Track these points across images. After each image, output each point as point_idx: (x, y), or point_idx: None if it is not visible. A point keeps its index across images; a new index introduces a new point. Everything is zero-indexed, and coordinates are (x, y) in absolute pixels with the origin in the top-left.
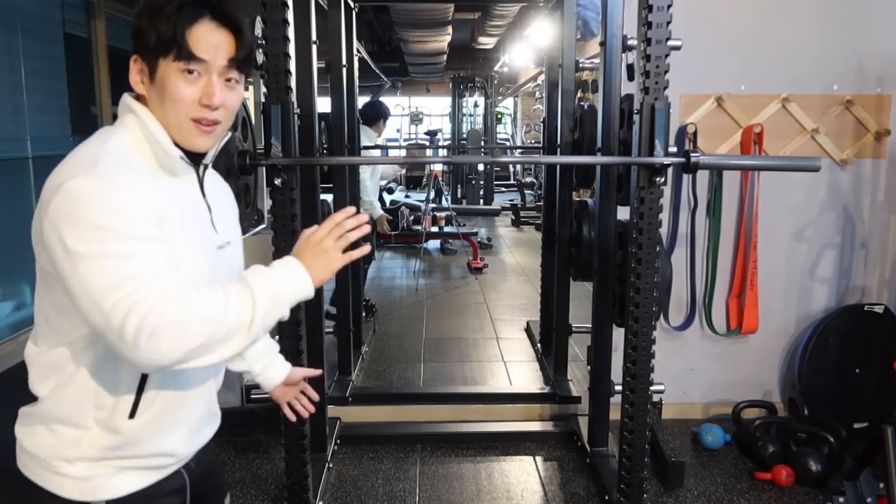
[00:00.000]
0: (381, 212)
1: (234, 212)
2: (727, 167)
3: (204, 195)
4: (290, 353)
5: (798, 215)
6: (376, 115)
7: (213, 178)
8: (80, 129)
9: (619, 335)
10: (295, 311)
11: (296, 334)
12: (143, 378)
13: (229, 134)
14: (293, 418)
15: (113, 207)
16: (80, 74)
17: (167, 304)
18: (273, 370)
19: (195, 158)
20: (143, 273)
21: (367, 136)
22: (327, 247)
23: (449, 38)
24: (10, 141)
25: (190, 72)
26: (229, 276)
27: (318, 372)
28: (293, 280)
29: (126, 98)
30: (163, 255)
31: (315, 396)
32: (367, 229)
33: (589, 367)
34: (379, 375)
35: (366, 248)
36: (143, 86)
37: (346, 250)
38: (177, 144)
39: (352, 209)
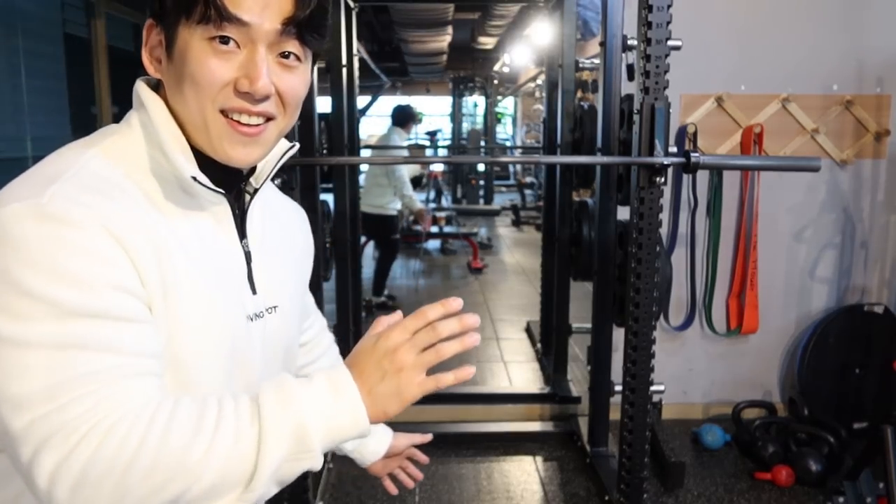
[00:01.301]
0: (421, 205)
1: (297, 259)
2: (727, 167)
3: (243, 236)
4: None
5: (798, 215)
6: (406, 117)
7: (270, 208)
8: (80, 129)
9: (619, 335)
10: None
11: None
12: None
13: (295, 145)
14: (395, 491)
15: (58, 262)
16: (80, 74)
17: (109, 439)
18: (371, 444)
19: (232, 179)
20: (85, 378)
21: (398, 137)
22: (405, 362)
23: (449, 38)
24: (10, 141)
25: (223, 40)
26: (266, 364)
27: (427, 437)
28: (338, 410)
29: (137, 85)
30: (132, 346)
31: (424, 460)
32: (476, 338)
33: (589, 367)
34: None
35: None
36: (159, 65)
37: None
38: (202, 157)
39: (458, 301)
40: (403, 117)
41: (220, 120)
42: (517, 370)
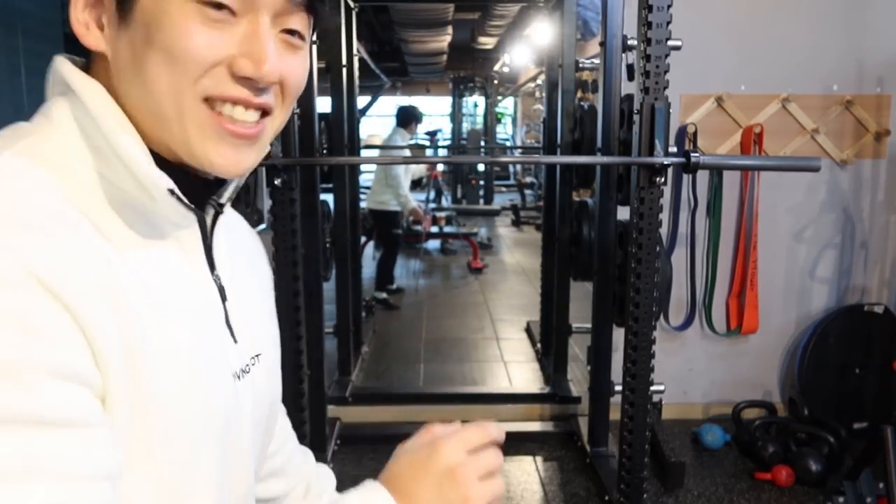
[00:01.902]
0: (415, 204)
1: (268, 294)
2: (727, 167)
3: (213, 268)
4: (290, 353)
5: (798, 215)
6: (409, 118)
7: (230, 230)
8: None
9: (619, 335)
10: (294, 310)
11: (295, 334)
12: None
13: (267, 148)
14: None
15: None
16: None
17: None
18: None
19: (202, 193)
20: None
21: (400, 137)
22: (469, 484)
23: (449, 38)
24: None
25: (216, 5)
26: (254, 431)
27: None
28: None
29: (60, 65)
30: (77, 465)
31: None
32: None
33: (589, 367)
34: (379, 375)
35: None
36: (100, 33)
37: None
38: (167, 164)
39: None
40: (406, 118)
41: (204, 112)
42: (517, 370)
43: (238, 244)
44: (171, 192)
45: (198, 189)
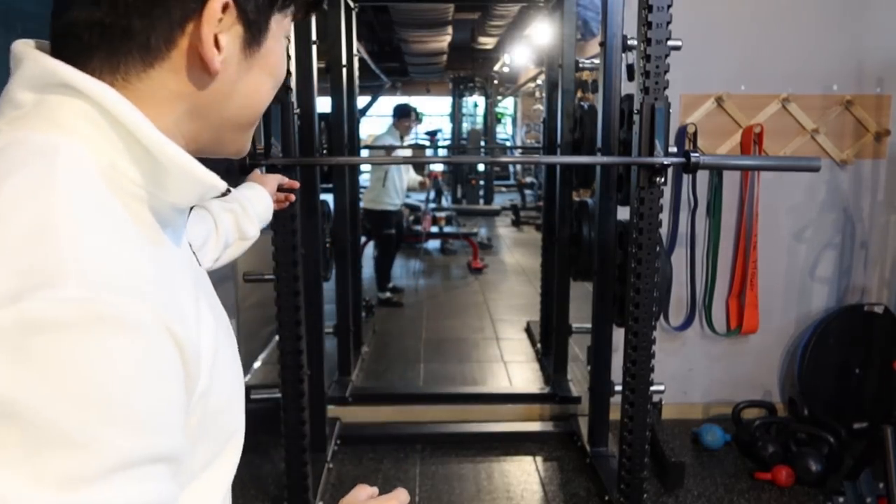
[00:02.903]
0: (418, 177)
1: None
2: (727, 167)
3: (194, 251)
4: (290, 353)
5: (798, 215)
6: (398, 113)
7: None
8: None
9: (619, 335)
10: (294, 310)
11: (295, 334)
12: None
13: None
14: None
15: (111, 396)
16: None
17: None
18: (257, 213)
19: None
20: None
21: (390, 135)
22: None
23: (449, 38)
24: None
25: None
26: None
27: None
28: None
29: (45, 62)
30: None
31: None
32: None
33: (589, 367)
34: (379, 375)
35: None
36: (224, 58)
37: None
38: None
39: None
40: (396, 114)
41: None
42: (517, 370)
43: None
44: (228, 191)
45: None
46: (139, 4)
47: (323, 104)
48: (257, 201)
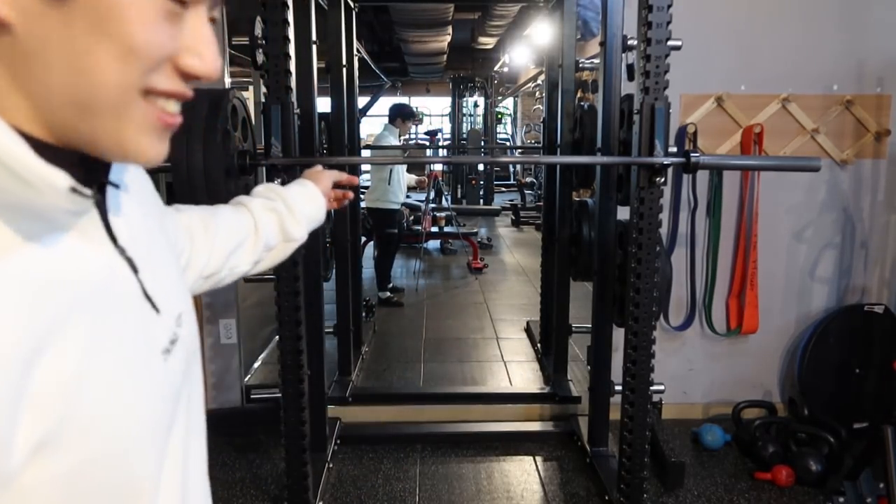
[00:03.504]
0: (415, 177)
1: (163, 227)
2: (727, 167)
3: (116, 242)
4: (290, 353)
5: (798, 215)
6: (399, 113)
7: (121, 179)
8: None
9: (619, 335)
10: (294, 310)
11: (296, 334)
12: None
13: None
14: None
15: None
16: None
17: None
18: (305, 213)
19: (96, 172)
20: None
21: (390, 133)
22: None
23: (449, 38)
24: None
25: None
26: (190, 396)
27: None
28: None
29: None
30: None
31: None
32: None
33: (589, 367)
34: (379, 375)
35: None
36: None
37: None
38: (46, 154)
39: None
40: (395, 113)
41: (143, 106)
42: (517, 370)
43: (128, 196)
44: (74, 189)
45: (93, 169)
46: None
47: (323, 104)
48: (307, 200)
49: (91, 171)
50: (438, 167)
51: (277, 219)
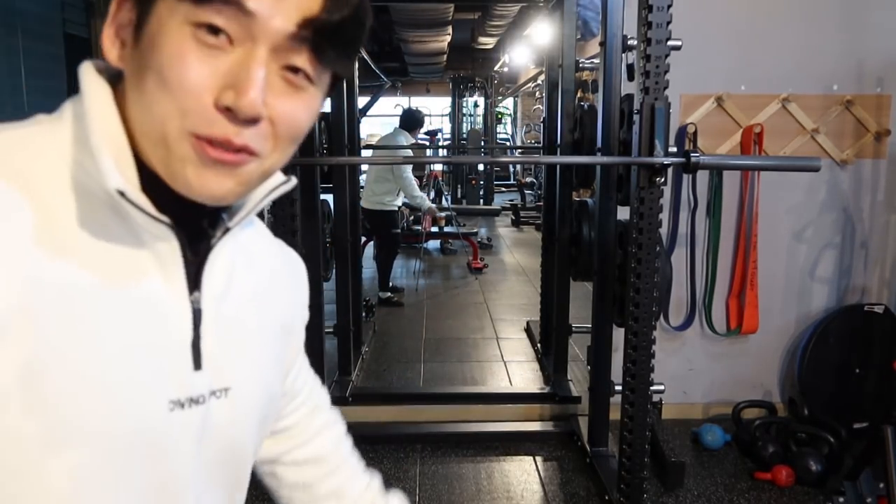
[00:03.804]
0: (431, 204)
1: (281, 326)
2: (727, 167)
3: (196, 288)
4: None
5: (798, 215)
6: (414, 122)
7: (248, 254)
8: None
9: (619, 335)
10: None
11: None
12: None
13: (290, 179)
14: None
15: None
16: None
17: None
18: None
19: (190, 212)
20: None
21: (404, 139)
22: None
23: (449, 38)
24: None
25: (212, 30)
26: (204, 468)
27: None
28: None
29: (82, 66)
30: None
31: None
32: None
33: (589, 367)
34: (379, 375)
35: None
36: (122, 49)
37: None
38: (153, 175)
39: None
40: (412, 122)
41: (188, 142)
42: (517, 370)
43: (250, 269)
44: (122, 194)
45: (188, 207)
46: None
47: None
48: None
49: (185, 212)
50: (438, 167)
51: None
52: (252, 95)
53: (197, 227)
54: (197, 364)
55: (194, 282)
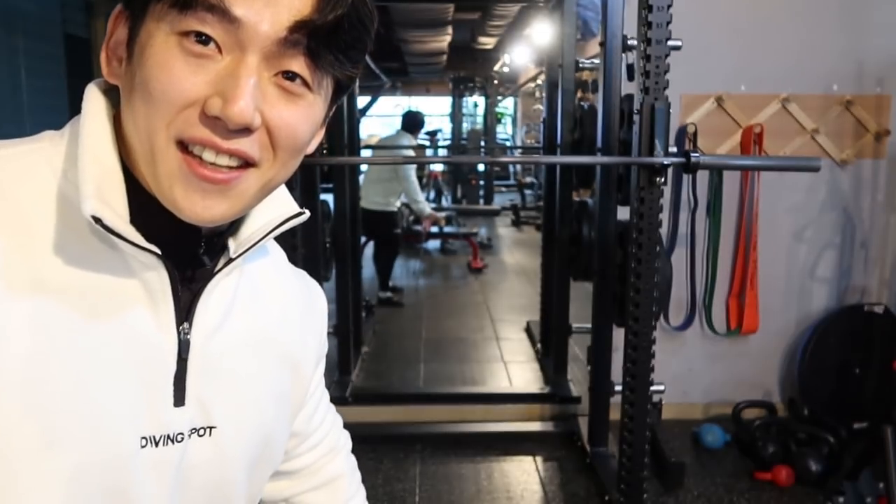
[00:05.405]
0: (431, 211)
1: (288, 363)
2: (727, 167)
3: (186, 320)
4: None
5: (798, 215)
6: (416, 124)
7: (254, 285)
8: None
9: (619, 335)
10: None
11: None
12: None
13: (304, 213)
14: None
15: None
16: (80, 74)
17: None
18: None
19: (186, 238)
20: None
21: (406, 141)
22: None
23: (449, 38)
24: None
25: (200, 38)
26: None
27: None
28: None
29: (87, 87)
30: None
31: None
32: None
33: (589, 367)
34: (379, 375)
35: None
36: (118, 66)
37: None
38: (150, 199)
39: None
40: (413, 123)
41: (175, 154)
42: (517, 370)
43: (256, 301)
44: (97, 220)
45: (184, 233)
46: None
47: None
48: None
49: (180, 239)
50: (438, 167)
51: None
52: (241, 104)
53: (193, 254)
54: (179, 400)
55: (186, 313)
